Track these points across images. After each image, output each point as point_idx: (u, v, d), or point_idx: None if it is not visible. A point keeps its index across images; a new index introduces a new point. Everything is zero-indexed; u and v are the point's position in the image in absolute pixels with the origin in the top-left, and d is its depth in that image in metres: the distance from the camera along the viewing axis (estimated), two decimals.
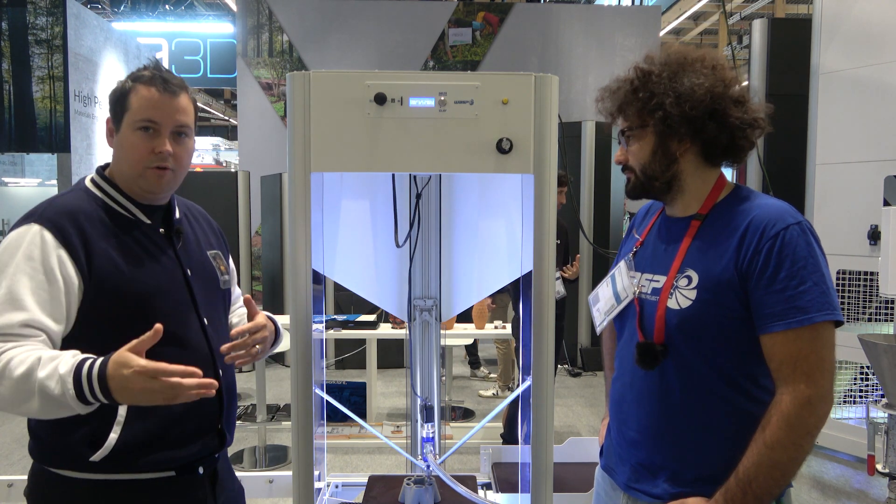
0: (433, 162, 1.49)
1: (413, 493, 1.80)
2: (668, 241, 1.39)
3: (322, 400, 1.86)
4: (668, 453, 1.34)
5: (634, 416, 1.40)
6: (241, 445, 4.50)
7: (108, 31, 7.56)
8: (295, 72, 1.47)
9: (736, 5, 12.16)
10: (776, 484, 1.21)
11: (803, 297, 1.19)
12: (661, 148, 1.34)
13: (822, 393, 1.19)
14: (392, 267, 2.01)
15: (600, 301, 1.53)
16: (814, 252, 1.22)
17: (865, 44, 4.13)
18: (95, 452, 1.30)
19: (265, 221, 7.06)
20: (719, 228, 1.30)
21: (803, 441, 1.19)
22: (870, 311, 4.17)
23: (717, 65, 1.32)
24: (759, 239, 1.23)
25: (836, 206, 4.28)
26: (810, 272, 1.20)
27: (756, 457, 1.20)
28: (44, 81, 6.31)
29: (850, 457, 4.18)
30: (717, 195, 1.35)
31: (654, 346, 1.32)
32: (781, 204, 1.28)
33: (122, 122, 1.39)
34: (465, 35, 9.44)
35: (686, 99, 1.28)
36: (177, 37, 12.74)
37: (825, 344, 1.20)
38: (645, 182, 1.38)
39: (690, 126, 1.30)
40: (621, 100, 1.37)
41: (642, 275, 1.42)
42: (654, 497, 1.34)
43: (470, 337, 5.31)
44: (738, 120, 1.29)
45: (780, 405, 1.20)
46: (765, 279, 1.21)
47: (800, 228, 1.23)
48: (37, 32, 6.39)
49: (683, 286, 1.30)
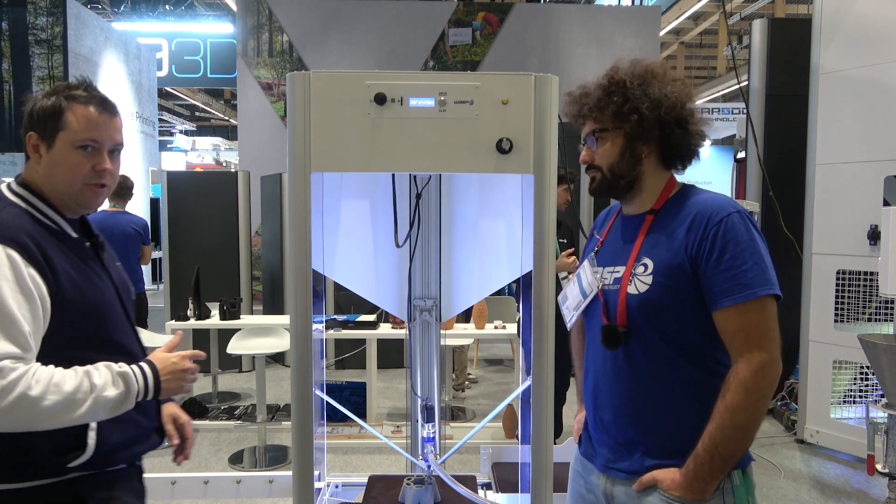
0: (433, 162, 1.49)
1: (413, 493, 1.80)
2: (626, 237, 1.53)
3: (322, 400, 1.86)
4: (641, 430, 1.44)
5: (608, 399, 1.50)
6: (241, 445, 4.50)
7: (108, 31, 7.56)
8: (295, 72, 1.47)
9: (736, 5, 12.16)
10: (739, 446, 1.35)
11: (746, 275, 1.33)
12: (629, 149, 1.47)
13: (773, 358, 1.33)
14: (392, 267, 2.01)
15: (569, 299, 1.63)
16: (752, 236, 1.36)
17: (865, 44, 4.13)
18: (73, 457, 1.35)
19: (265, 221, 7.06)
20: (669, 220, 1.44)
21: (759, 403, 1.33)
22: (870, 311, 4.17)
23: (678, 79, 1.48)
24: (706, 227, 1.37)
25: (836, 206, 4.27)
26: (751, 254, 1.34)
27: (719, 421, 1.33)
28: (44, 81, 6.31)
29: (850, 457, 4.18)
30: (669, 192, 1.50)
31: (616, 328, 1.44)
32: (722, 197, 1.45)
33: (55, 139, 1.40)
34: (465, 35, 9.44)
35: (659, 105, 1.42)
36: (177, 37, 12.74)
37: (770, 315, 1.35)
38: (612, 180, 1.50)
39: (661, 130, 1.44)
40: (593, 104, 1.48)
41: (604, 269, 1.54)
42: (631, 473, 1.45)
43: (470, 337, 5.31)
44: (695, 131, 1.47)
45: (737, 373, 1.33)
46: (712, 261, 1.35)
47: (739, 216, 1.38)
48: (37, 32, 6.39)
49: (641, 273, 1.43)
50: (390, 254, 1.98)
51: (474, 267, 1.99)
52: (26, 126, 1.44)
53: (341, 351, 6.37)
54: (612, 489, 1.48)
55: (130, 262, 5.03)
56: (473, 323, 4.69)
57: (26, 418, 1.22)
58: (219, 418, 4.89)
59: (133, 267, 5.05)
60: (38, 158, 1.42)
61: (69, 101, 1.41)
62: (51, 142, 1.40)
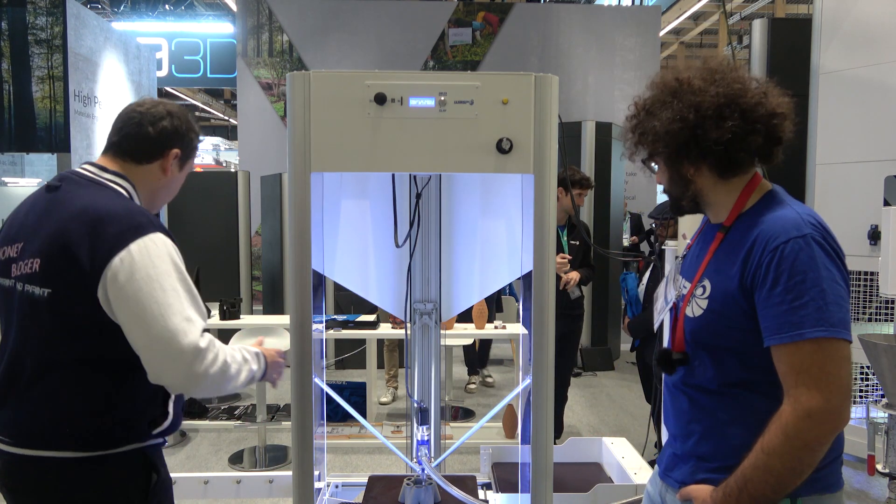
0: (433, 162, 1.49)
1: (413, 493, 1.80)
2: (702, 249, 1.44)
3: (322, 398, 1.86)
4: (693, 444, 1.39)
5: (671, 409, 1.48)
6: (241, 445, 4.50)
7: (108, 31, 7.56)
8: (295, 72, 1.47)
9: (736, 5, 12.16)
10: (771, 489, 1.21)
11: (797, 313, 1.18)
12: (675, 173, 1.39)
13: (828, 407, 1.17)
14: (392, 267, 2.01)
15: (659, 300, 1.60)
16: (815, 266, 1.20)
17: (865, 44, 4.13)
18: (158, 424, 1.51)
19: (265, 221, 7.06)
20: (735, 241, 1.32)
21: (800, 453, 1.19)
22: (870, 311, 4.16)
23: (698, 88, 1.32)
24: (762, 253, 1.24)
25: (836, 206, 4.27)
26: (809, 287, 1.18)
27: (753, 459, 1.22)
28: (44, 81, 6.31)
29: (850, 457, 4.18)
30: (743, 203, 1.36)
31: (670, 353, 1.39)
32: (793, 215, 1.27)
33: (188, 164, 1.63)
34: (465, 35, 9.44)
35: (661, 137, 1.32)
36: (177, 37, 12.72)
37: (831, 358, 1.18)
38: (674, 203, 1.44)
39: (685, 153, 1.33)
40: (626, 136, 1.43)
41: (682, 279, 1.48)
42: (681, 483, 1.41)
43: (470, 337, 5.30)
44: (720, 137, 1.29)
45: (781, 414, 1.21)
46: (764, 293, 1.22)
47: (803, 241, 1.21)
48: (37, 32, 6.38)
49: (699, 295, 1.35)
50: (390, 254, 1.98)
51: (474, 267, 1.99)
52: (172, 141, 1.57)
53: (341, 351, 6.37)
54: (665, 495, 1.47)
55: None
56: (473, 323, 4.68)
57: (222, 381, 1.44)
58: (219, 418, 4.89)
59: None
60: (170, 171, 1.59)
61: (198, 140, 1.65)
62: (185, 163, 1.62)
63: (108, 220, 1.39)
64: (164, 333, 1.35)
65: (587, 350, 6.65)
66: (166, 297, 1.37)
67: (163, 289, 1.37)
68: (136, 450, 1.47)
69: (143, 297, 1.35)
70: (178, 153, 1.57)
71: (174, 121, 1.56)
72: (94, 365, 1.42)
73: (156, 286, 1.37)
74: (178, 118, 1.57)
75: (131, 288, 1.35)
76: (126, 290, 1.35)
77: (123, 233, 1.38)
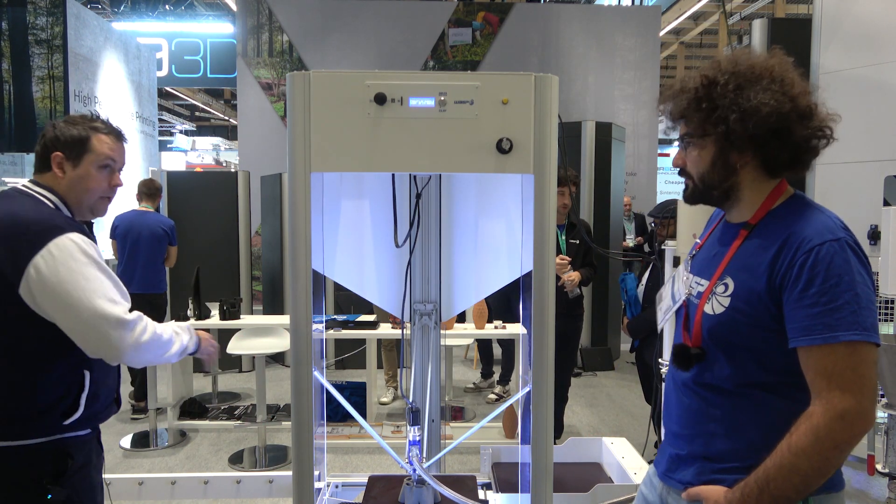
0: (433, 162, 1.49)
1: (413, 493, 1.79)
2: (720, 247, 1.41)
3: (322, 399, 1.86)
4: (703, 445, 1.37)
5: (675, 410, 1.45)
6: (241, 445, 4.50)
7: (108, 31, 7.56)
8: (295, 72, 1.46)
9: (736, 5, 12.16)
10: (794, 490, 1.21)
11: (832, 315, 1.18)
12: (721, 159, 1.34)
13: (860, 409, 1.18)
14: (392, 267, 2.01)
15: (663, 300, 1.58)
16: (850, 270, 1.21)
17: (865, 44, 4.13)
18: (68, 416, 1.62)
19: (265, 221, 7.06)
20: (762, 239, 1.31)
21: (830, 454, 1.19)
22: None
23: (784, 78, 1.30)
24: (794, 254, 1.23)
25: (836, 206, 4.24)
26: (844, 290, 1.19)
27: (779, 459, 1.21)
28: (44, 81, 6.31)
29: (850, 457, 4.18)
30: (772, 203, 1.35)
31: (688, 348, 1.36)
32: (825, 219, 1.28)
33: (82, 160, 1.73)
34: (465, 35, 9.44)
35: (750, 116, 1.27)
36: (177, 37, 12.72)
37: (862, 361, 1.19)
38: (703, 190, 1.39)
39: (753, 142, 1.29)
40: (683, 106, 1.36)
41: (694, 277, 1.45)
42: (685, 484, 1.39)
43: (470, 337, 5.30)
44: (801, 137, 1.29)
45: (812, 415, 1.20)
46: (796, 293, 1.21)
47: (838, 245, 1.22)
48: (37, 32, 6.38)
49: (720, 293, 1.33)
50: (390, 254, 1.98)
51: (474, 267, 1.99)
52: (51, 146, 1.73)
53: (341, 351, 6.37)
54: (667, 496, 1.46)
55: (157, 261, 5.00)
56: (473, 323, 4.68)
57: (156, 349, 1.64)
58: (219, 418, 4.89)
59: (158, 267, 5.03)
60: (61, 173, 1.72)
61: (94, 131, 1.75)
62: (77, 162, 1.73)
63: (26, 224, 1.57)
64: (93, 313, 1.54)
65: (587, 350, 6.65)
66: (90, 283, 1.55)
67: (85, 278, 1.55)
68: (50, 441, 1.60)
69: (68, 287, 1.53)
70: (59, 155, 1.71)
71: (55, 130, 1.73)
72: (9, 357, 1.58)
73: (78, 276, 1.54)
74: (58, 127, 1.74)
75: (56, 280, 1.52)
76: (51, 283, 1.52)
77: (41, 233, 1.56)
